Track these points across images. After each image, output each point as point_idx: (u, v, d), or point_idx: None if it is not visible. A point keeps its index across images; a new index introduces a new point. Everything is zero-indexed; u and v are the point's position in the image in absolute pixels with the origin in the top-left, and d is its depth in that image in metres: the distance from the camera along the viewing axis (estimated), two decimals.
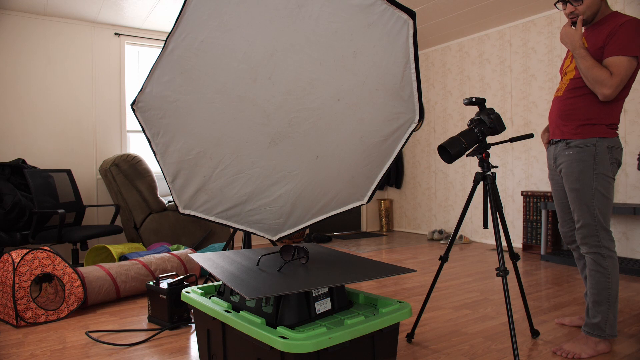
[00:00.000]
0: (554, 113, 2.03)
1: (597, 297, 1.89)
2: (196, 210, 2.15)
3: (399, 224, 6.28)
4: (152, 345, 2.11)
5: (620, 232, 3.85)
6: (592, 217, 1.87)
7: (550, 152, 2.08)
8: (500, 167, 4.88)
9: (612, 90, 1.78)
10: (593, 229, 1.88)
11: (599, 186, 1.86)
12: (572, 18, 1.91)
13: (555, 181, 2.11)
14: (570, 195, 1.93)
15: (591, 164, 1.86)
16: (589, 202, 1.87)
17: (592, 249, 1.89)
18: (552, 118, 2.04)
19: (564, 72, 2.04)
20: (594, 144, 1.86)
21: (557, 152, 2.00)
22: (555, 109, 2.02)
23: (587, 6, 1.86)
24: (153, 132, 1.93)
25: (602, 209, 1.87)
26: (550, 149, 2.07)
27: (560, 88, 2.03)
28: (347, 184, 2.18)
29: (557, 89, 2.05)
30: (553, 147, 2.04)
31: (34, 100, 4.16)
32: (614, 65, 1.77)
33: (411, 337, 2.09)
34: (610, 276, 1.86)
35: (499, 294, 2.87)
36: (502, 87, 4.86)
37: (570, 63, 1.99)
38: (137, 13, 4.25)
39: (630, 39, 1.75)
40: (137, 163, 3.88)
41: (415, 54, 1.80)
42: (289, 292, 1.25)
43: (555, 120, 2.01)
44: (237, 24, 1.70)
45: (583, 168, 1.88)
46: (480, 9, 4.32)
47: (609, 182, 1.87)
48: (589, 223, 1.88)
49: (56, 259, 2.56)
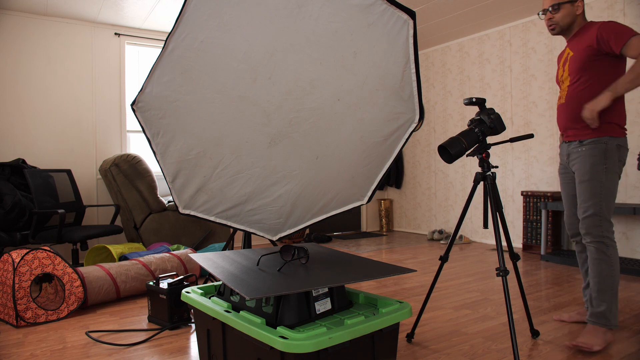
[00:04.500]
0: (563, 119, 2.16)
1: (601, 286, 1.98)
2: (196, 210, 2.15)
3: (399, 224, 6.28)
4: (152, 345, 2.11)
5: (620, 232, 3.85)
6: (599, 207, 1.99)
7: (563, 148, 2.20)
8: (500, 167, 4.88)
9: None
10: (598, 219, 1.99)
11: (607, 180, 1.99)
12: (550, 26, 2.14)
13: (565, 175, 2.23)
14: (580, 187, 2.05)
15: (602, 159, 1.99)
16: (597, 193, 1.99)
17: (596, 238, 1.99)
18: (562, 124, 2.17)
19: (561, 81, 2.19)
20: (605, 142, 1.99)
21: (571, 150, 2.13)
22: (563, 115, 2.15)
23: (562, 16, 2.09)
24: (153, 132, 1.93)
25: (607, 202, 1.99)
26: (564, 146, 2.20)
27: (561, 96, 2.17)
28: (347, 184, 2.18)
29: (559, 97, 2.19)
30: (566, 146, 2.17)
31: (34, 100, 4.16)
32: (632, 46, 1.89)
33: (411, 337, 2.09)
34: (613, 264, 1.97)
35: (499, 294, 2.87)
36: (502, 87, 4.86)
37: (564, 72, 2.16)
38: (137, 13, 4.25)
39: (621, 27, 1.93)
40: (137, 163, 3.88)
41: (415, 54, 1.80)
42: (289, 292, 1.25)
43: (566, 124, 2.14)
44: (237, 24, 1.70)
45: (594, 162, 2.00)
46: (480, 9, 4.32)
47: (616, 178, 2.01)
48: (595, 213, 1.99)
49: (56, 259, 2.56)
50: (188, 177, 2.05)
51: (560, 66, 2.20)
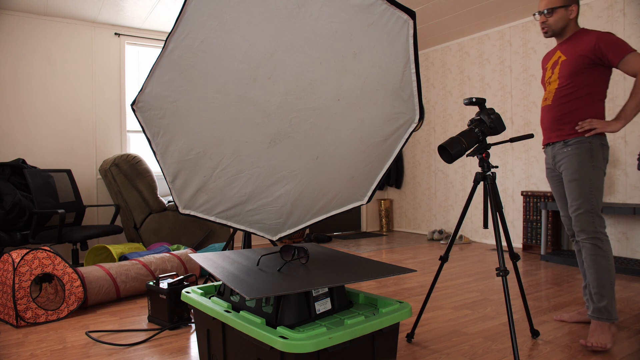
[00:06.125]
0: (547, 120, 2.22)
1: (600, 281, 2.02)
2: (196, 210, 2.15)
3: (399, 224, 6.28)
4: (152, 345, 2.11)
5: (620, 232, 3.85)
6: (590, 204, 2.04)
7: (548, 152, 2.25)
8: (500, 167, 4.88)
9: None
10: (590, 216, 2.04)
11: (596, 177, 2.05)
12: (543, 29, 2.20)
13: (554, 177, 2.27)
14: (570, 186, 2.10)
15: (589, 158, 2.06)
16: (587, 191, 2.05)
17: (591, 234, 2.04)
18: (545, 125, 2.23)
19: (548, 83, 2.24)
20: (589, 141, 2.06)
21: (556, 152, 2.18)
22: (548, 116, 2.21)
23: (555, 20, 2.15)
24: (153, 132, 1.93)
25: (597, 199, 2.05)
26: (548, 150, 2.25)
27: (547, 97, 2.22)
28: (347, 184, 2.18)
29: (544, 98, 2.25)
30: (550, 148, 2.22)
31: (34, 100, 4.16)
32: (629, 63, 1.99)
33: (411, 337, 2.09)
34: (609, 258, 2.02)
35: (499, 294, 2.87)
36: (502, 87, 4.86)
37: (552, 74, 2.21)
38: (137, 13, 4.25)
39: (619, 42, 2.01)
40: (137, 163, 3.88)
41: (415, 54, 1.80)
42: (289, 292, 1.25)
43: (550, 125, 2.20)
44: (237, 24, 1.70)
45: (582, 160, 2.07)
46: (480, 9, 4.32)
47: (602, 175, 2.07)
48: (587, 210, 2.04)
49: (56, 259, 2.56)
50: (188, 177, 2.05)
51: (548, 68, 2.25)
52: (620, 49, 1.99)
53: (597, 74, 2.08)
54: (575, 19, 2.16)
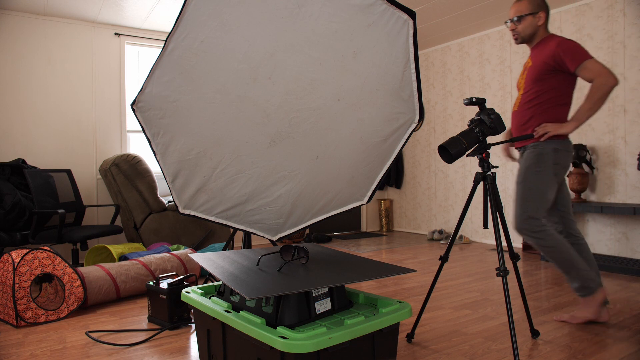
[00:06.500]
0: (514, 126, 2.34)
1: (563, 269, 2.18)
2: (196, 210, 2.15)
3: (399, 224, 6.28)
4: (152, 345, 2.11)
5: (620, 232, 3.85)
6: (523, 208, 2.17)
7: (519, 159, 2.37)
8: (500, 167, 4.88)
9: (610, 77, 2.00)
10: (526, 217, 2.17)
11: (538, 182, 2.15)
12: (513, 36, 2.29)
13: None
14: (515, 188, 2.24)
15: (534, 163, 2.17)
16: (525, 195, 2.17)
17: (530, 234, 2.17)
18: (513, 131, 2.36)
19: (518, 89, 2.35)
20: (541, 146, 2.17)
21: (519, 159, 2.32)
22: (514, 122, 2.33)
23: (524, 27, 2.24)
24: (153, 132, 1.93)
25: (535, 202, 2.15)
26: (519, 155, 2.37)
27: (515, 103, 2.33)
28: (347, 184, 2.18)
29: (514, 104, 2.35)
30: (519, 155, 2.35)
31: (34, 100, 4.16)
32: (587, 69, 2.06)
33: (411, 337, 2.09)
34: (557, 246, 2.13)
35: (499, 294, 2.87)
36: (502, 87, 4.86)
37: (522, 80, 2.30)
38: (137, 13, 4.25)
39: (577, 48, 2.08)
40: (137, 163, 3.88)
41: (415, 54, 1.80)
42: (289, 292, 1.25)
43: (516, 132, 2.32)
44: (237, 24, 1.70)
45: (527, 165, 2.19)
46: (480, 9, 4.32)
47: (550, 179, 2.16)
48: (520, 214, 2.18)
49: (56, 259, 2.56)
50: (188, 177, 2.05)
51: (521, 73, 2.35)
52: (578, 56, 2.05)
53: (560, 80, 2.14)
54: (544, 25, 2.23)
